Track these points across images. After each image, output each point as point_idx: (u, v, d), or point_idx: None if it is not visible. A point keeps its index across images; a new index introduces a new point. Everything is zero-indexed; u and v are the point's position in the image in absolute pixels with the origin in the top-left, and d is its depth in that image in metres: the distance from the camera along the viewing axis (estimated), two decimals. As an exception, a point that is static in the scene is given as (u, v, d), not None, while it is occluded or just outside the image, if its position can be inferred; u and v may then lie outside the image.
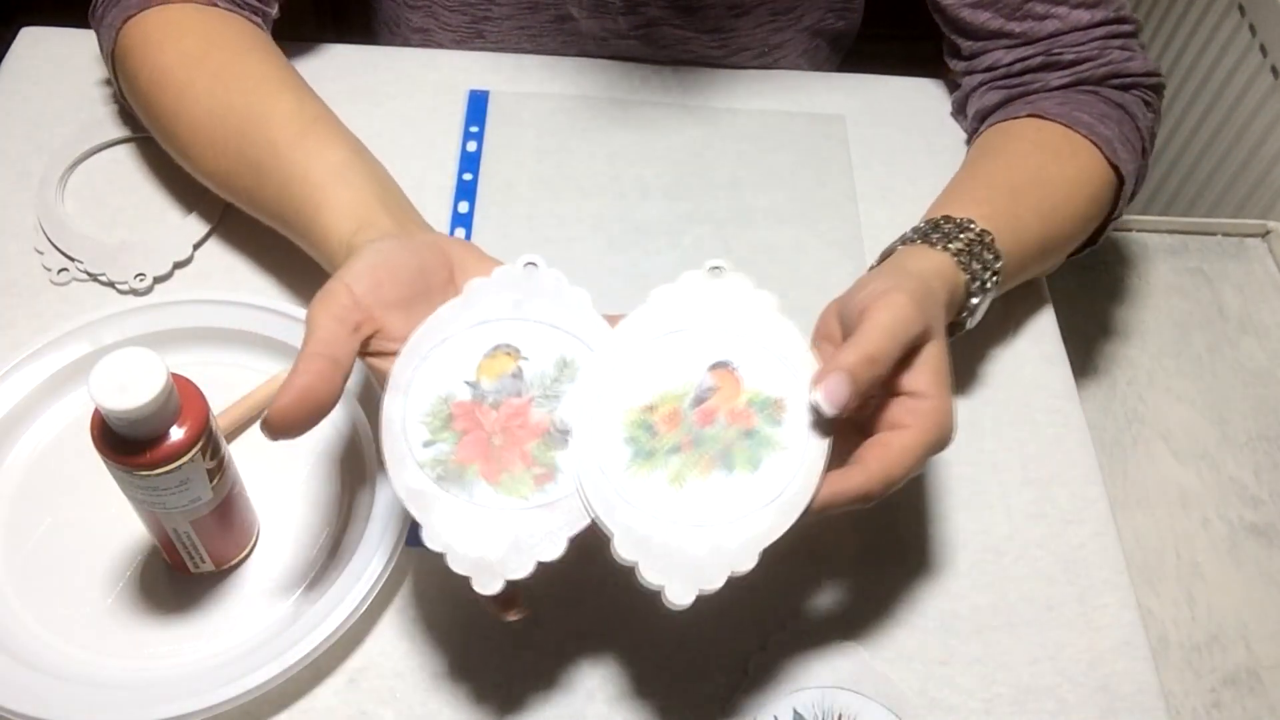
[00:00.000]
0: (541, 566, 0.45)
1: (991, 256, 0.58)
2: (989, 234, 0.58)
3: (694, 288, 0.51)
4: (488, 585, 0.45)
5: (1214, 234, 1.08)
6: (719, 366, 0.49)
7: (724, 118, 0.78)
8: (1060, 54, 0.70)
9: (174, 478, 0.46)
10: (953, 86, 0.81)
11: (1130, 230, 0.91)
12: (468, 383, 0.49)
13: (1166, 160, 1.29)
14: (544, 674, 0.54)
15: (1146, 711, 0.55)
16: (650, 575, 0.45)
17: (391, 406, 0.48)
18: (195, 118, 0.62)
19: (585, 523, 0.47)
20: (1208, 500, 0.70)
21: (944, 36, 0.77)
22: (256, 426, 0.60)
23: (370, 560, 0.52)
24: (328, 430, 0.60)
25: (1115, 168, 0.67)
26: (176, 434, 0.46)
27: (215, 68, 0.63)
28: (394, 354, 0.49)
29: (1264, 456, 0.72)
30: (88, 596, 0.54)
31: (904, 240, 0.60)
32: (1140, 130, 0.69)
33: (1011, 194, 0.63)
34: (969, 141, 0.75)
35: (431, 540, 0.46)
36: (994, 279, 0.58)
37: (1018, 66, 0.72)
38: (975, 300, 0.57)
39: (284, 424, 0.45)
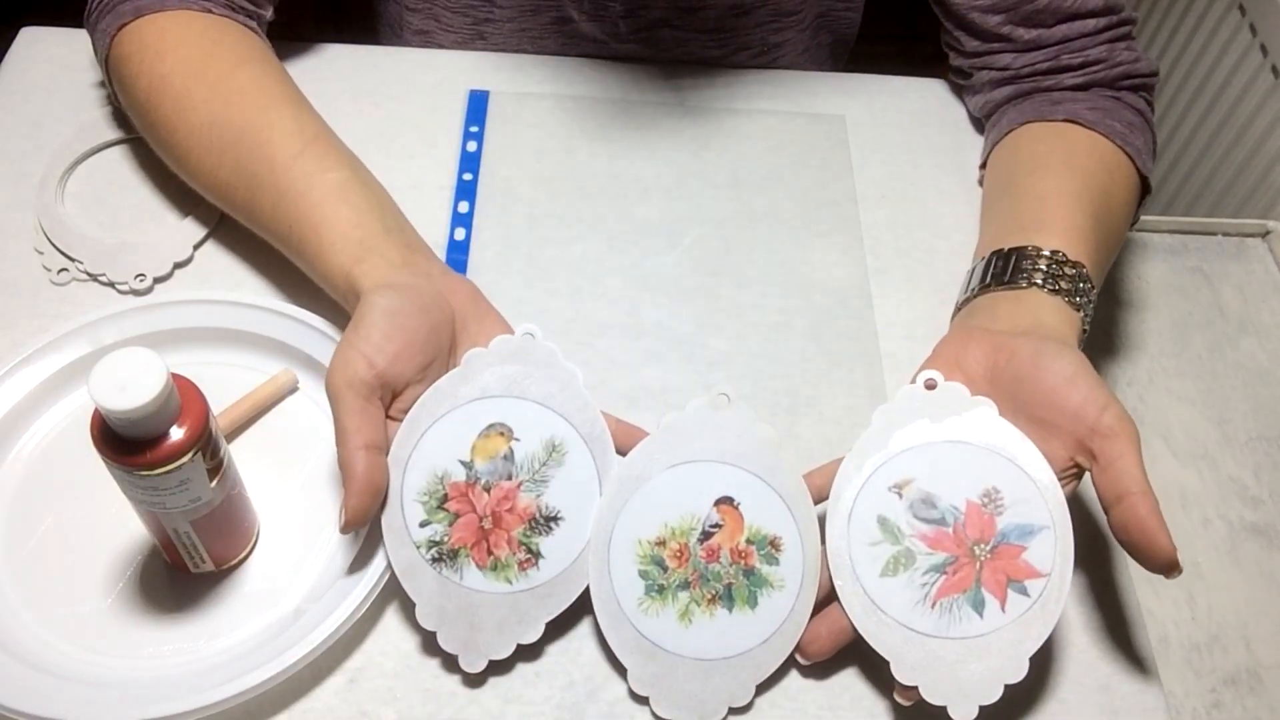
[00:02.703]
0: (520, 648, 0.51)
1: (1088, 286, 0.59)
2: (1085, 268, 0.59)
3: (702, 418, 0.55)
4: (474, 664, 0.50)
5: (1214, 234, 1.08)
6: (723, 502, 0.53)
7: (724, 118, 0.78)
8: (1069, 59, 0.70)
9: (174, 478, 0.46)
10: (955, 86, 0.81)
11: (1130, 230, 0.92)
12: (462, 462, 0.53)
13: (1166, 160, 1.29)
14: (544, 673, 0.54)
15: (1146, 711, 0.55)
16: (662, 711, 0.51)
17: (391, 482, 0.52)
18: (193, 128, 0.62)
19: (562, 608, 0.52)
20: (1208, 500, 0.70)
21: (944, 30, 0.77)
22: (256, 426, 0.60)
23: (370, 560, 0.52)
24: (328, 431, 0.60)
25: (1144, 179, 0.68)
26: (176, 434, 0.46)
27: (214, 79, 0.63)
28: (399, 420, 0.52)
29: (1264, 456, 0.72)
30: (88, 596, 0.54)
31: (1015, 270, 0.59)
32: (1154, 137, 0.70)
33: (1095, 221, 0.63)
34: (989, 135, 0.75)
35: (425, 619, 0.50)
36: (1089, 316, 0.59)
37: (1026, 70, 0.72)
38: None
39: (363, 518, 0.50)
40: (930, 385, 0.54)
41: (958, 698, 0.49)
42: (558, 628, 0.54)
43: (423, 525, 0.51)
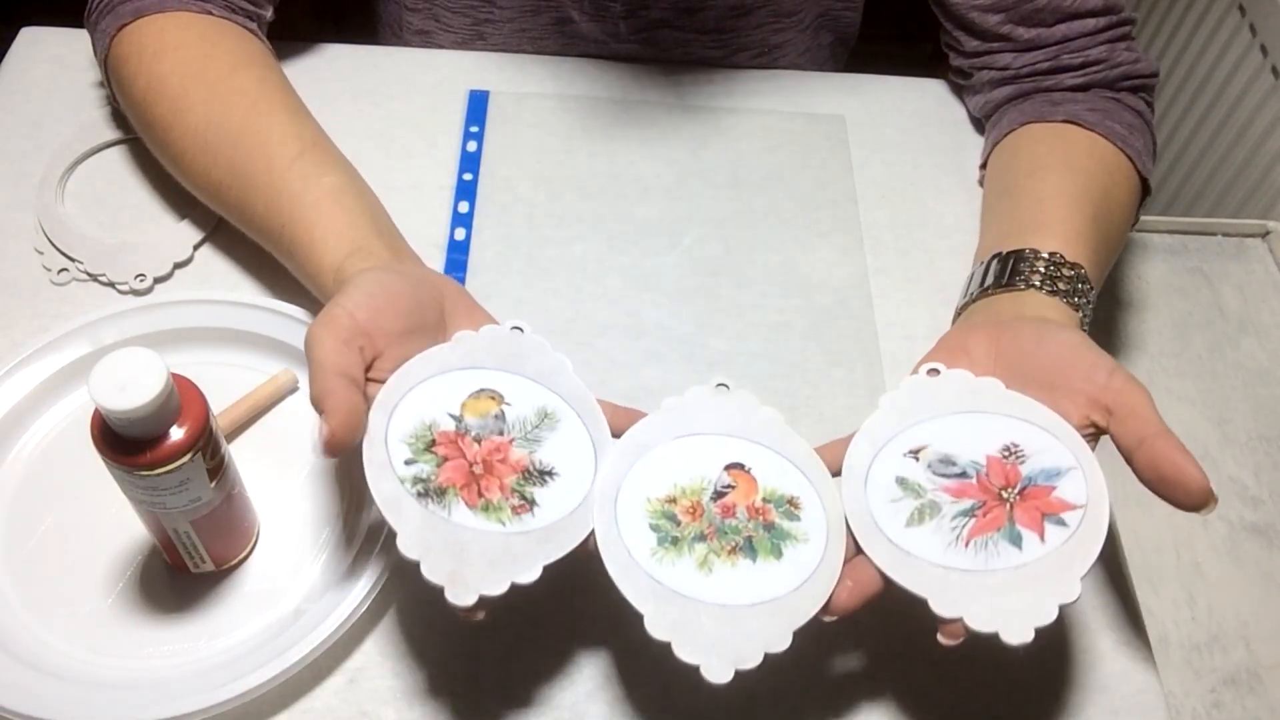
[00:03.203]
0: (515, 587, 0.46)
1: (1087, 287, 0.59)
2: (1083, 269, 0.59)
3: (703, 401, 0.53)
4: (461, 596, 0.45)
5: (1214, 234, 1.08)
6: (734, 467, 0.51)
7: (724, 118, 0.78)
8: (1069, 59, 0.70)
9: (174, 478, 0.46)
10: (955, 86, 0.81)
11: (1130, 230, 0.92)
12: (452, 415, 0.50)
13: (1166, 160, 1.29)
14: (544, 674, 0.54)
15: (1146, 711, 0.55)
16: (685, 654, 0.46)
17: (375, 422, 0.48)
18: (189, 128, 0.62)
19: (561, 554, 0.47)
20: (1208, 500, 0.70)
21: (943, 30, 0.77)
22: (256, 426, 0.60)
23: (370, 559, 0.52)
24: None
25: (1144, 181, 0.68)
26: (176, 434, 0.46)
27: (212, 80, 0.63)
28: (381, 380, 0.50)
29: (1264, 456, 0.72)
30: (88, 596, 0.54)
31: (1013, 273, 0.60)
32: (1154, 139, 0.70)
33: (1094, 223, 0.63)
34: (989, 135, 0.75)
35: (408, 548, 0.45)
36: (1089, 316, 0.59)
37: (1026, 70, 0.72)
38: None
39: (344, 438, 0.46)
40: (933, 374, 0.54)
41: (1011, 619, 0.45)
42: (559, 626, 0.54)
43: (408, 463, 0.48)
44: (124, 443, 0.45)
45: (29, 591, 0.53)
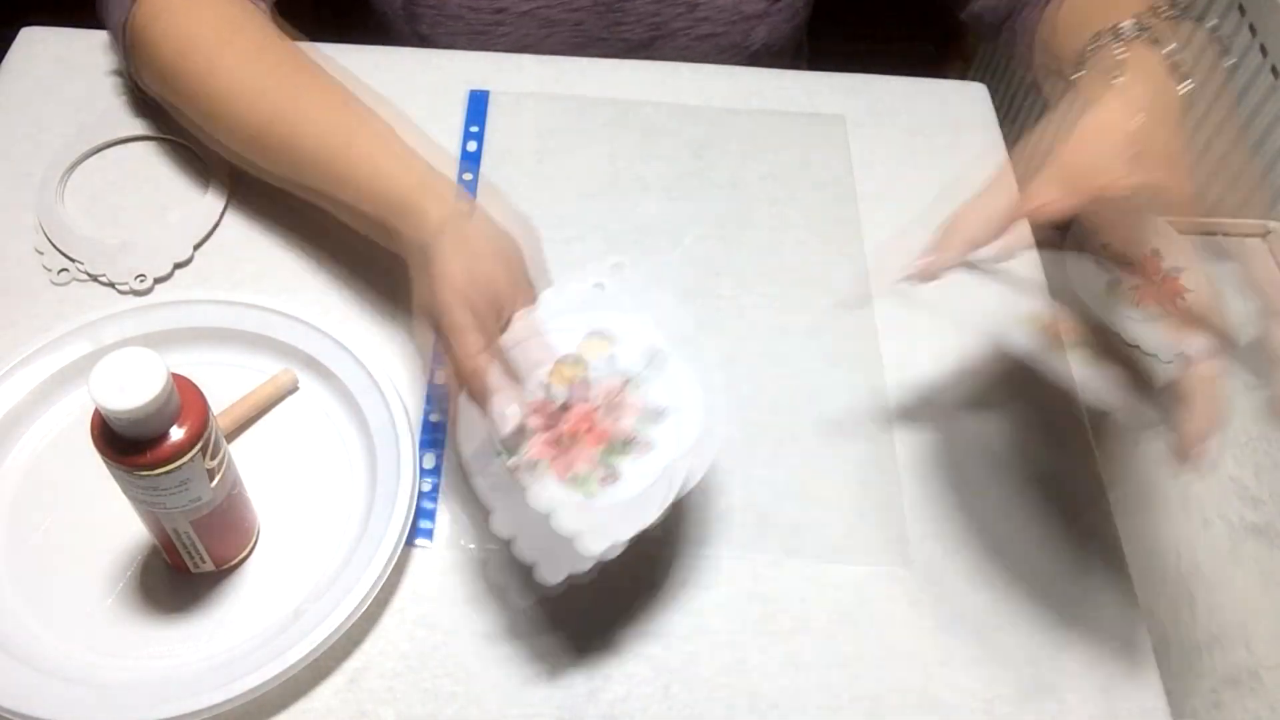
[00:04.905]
0: (600, 565, 0.48)
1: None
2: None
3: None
4: (550, 575, 0.48)
5: (1214, 234, 1.08)
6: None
7: (724, 118, 0.78)
8: None
9: (174, 478, 0.46)
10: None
11: (1130, 230, 0.91)
12: (542, 384, 0.52)
13: (1166, 160, 1.29)
14: (543, 675, 0.54)
15: (1146, 712, 0.55)
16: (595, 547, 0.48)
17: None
18: (231, 69, 0.62)
19: (645, 524, 0.49)
20: (1208, 500, 0.70)
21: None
22: (256, 426, 0.60)
23: (371, 560, 0.52)
24: (328, 430, 0.60)
25: None
26: (176, 434, 0.46)
27: (245, 41, 0.63)
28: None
29: (1264, 456, 0.72)
30: (88, 596, 0.54)
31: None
32: None
33: None
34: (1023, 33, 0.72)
35: (500, 529, 0.48)
36: None
37: None
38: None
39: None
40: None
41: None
42: (559, 626, 0.54)
43: (503, 440, 0.51)
44: (124, 443, 0.45)
45: (29, 591, 0.53)
